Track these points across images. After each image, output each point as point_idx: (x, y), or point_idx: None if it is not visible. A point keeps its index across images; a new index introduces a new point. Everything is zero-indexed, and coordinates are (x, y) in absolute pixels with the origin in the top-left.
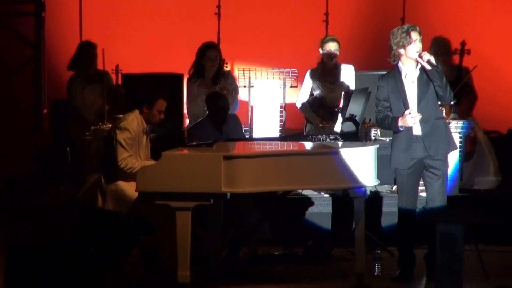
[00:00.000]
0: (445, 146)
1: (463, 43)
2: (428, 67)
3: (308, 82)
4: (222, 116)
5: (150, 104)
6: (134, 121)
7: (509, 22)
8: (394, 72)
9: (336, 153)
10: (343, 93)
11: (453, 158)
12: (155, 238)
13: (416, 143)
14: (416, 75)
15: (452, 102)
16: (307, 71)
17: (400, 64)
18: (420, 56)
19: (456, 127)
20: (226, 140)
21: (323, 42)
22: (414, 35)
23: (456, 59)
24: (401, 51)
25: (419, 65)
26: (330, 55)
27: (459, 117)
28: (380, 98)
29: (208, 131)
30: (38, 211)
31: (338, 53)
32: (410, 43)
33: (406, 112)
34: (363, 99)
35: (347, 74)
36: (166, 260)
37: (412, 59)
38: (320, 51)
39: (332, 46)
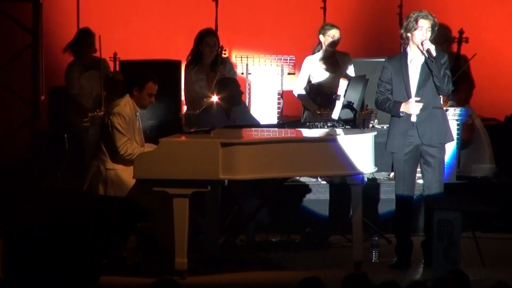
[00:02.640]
0: (440, 135)
1: (461, 31)
2: (426, 55)
3: (306, 69)
4: (238, 101)
5: (140, 87)
6: (126, 105)
7: (508, 10)
8: (401, 56)
9: (334, 140)
10: (340, 80)
11: (451, 145)
12: (153, 225)
13: (412, 129)
14: (421, 62)
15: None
16: (305, 58)
17: (408, 48)
18: (422, 44)
19: (453, 115)
20: (234, 126)
21: (325, 29)
22: (422, 22)
23: (454, 47)
24: (409, 35)
25: (434, 48)
26: (333, 42)
27: (457, 105)
28: (383, 79)
29: (218, 117)
30: (37, 198)
31: (339, 40)
32: (416, 29)
33: (411, 99)
34: (361, 86)
35: (345, 62)
36: (164, 246)
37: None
38: (321, 37)
39: (336, 33)
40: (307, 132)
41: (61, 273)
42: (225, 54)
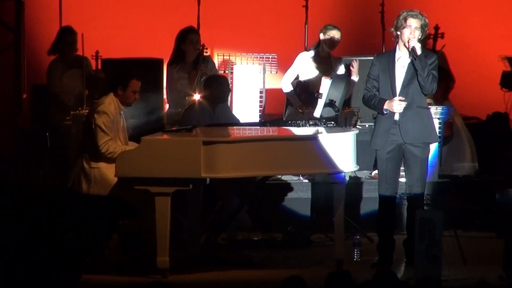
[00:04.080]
0: (424, 135)
1: (436, 27)
2: (410, 53)
3: (297, 65)
4: (225, 98)
5: (124, 86)
6: (111, 104)
7: (490, 8)
8: (390, 53)
9: (316, 138)
10: (323, 78)
11: (433, 143)
12: (135, 223)
13: (395, 127)
14: (408, 61)
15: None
16: (287, 56)
17: (397, 47)
18: (408, 41)
19: (435, 113)
20: (216, 124)
21: (326, 28)
22: (410, 22)
23: (430, 43)
24: (398, 33)
25: (419, 47)
26: (332, 42)
27: (435, 101)
28: (371, 76)
29: (205, 115)
30: (19, 195)
31: (339, 42)
32: (404, 27)
33: (395, 98)
34: (343, 84)
35: (338, 66)
36: (146, 245)
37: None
38: (321, 36)
39: (335, 34)
40: (289, 131)
41: (43, 272)
42: (206, 52)
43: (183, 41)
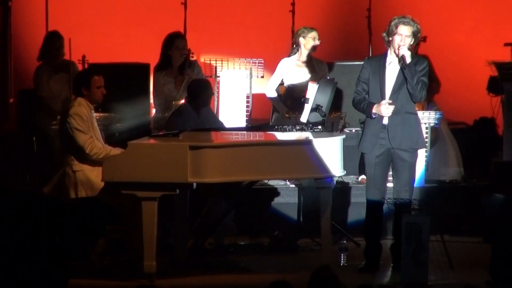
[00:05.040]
0: (411, 141)
1: None
2: (400, 61)
3: (280, 71)
4: (206, 102)
5: (86, 85)
6: (81, 105)
7: (475, 13)
8: (381, 57)
9: (303, 143)
10: (309, 83)
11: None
12: (121, 228)
13: (383, 132)
14: (399, 67)
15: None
16: (273, 61)
17: (388, 51)
18: (398, 48)
19: (421, 118)
20: (203, 129)
21: (304, 32)
22: (401, 29)
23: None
24: (390, 39)
25: (409, 55)
26: (315, 44)
27: (418, 105)
28: (361, 79)
29: (191, 118)
30: (6, 200)
31: (319, 42)
32: (395, 34)
33: (383, 101)
34: (330, 89)
35: (321, 68)
36: (132, 249)
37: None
38: (302, 40)
39: (316, 35)
40: (275, 135)
41: (29, 277)
42: (193, 57)
43: (170, 46)
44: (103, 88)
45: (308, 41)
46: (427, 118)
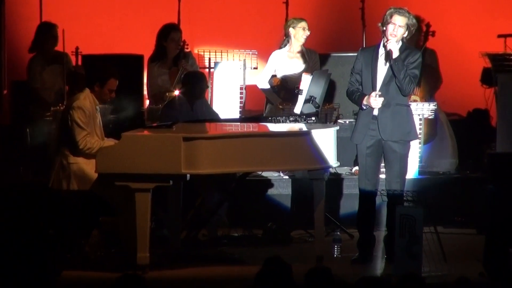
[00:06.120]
0: (402, 133)
1: (428, 25)
2: (387, 55)
3: (272, 63)
4: (200, 94)
5: (101, 83)
6: (86, 99)
7: (469, 5)
8: (374, 48)
9: (297, 134)
10: (303, 74)
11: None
12: (115, 220)
13: (374, 123)
14: (385, 61)
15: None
16: (267, 52)
17: (381, 42)
18: (387, 41)
19: (415, 109)
20: (196, 120)
21: (294, 22)
22: (395, 19)
23: (420, 40)
24: (384, 28)
25: (397, 49)
26: (305, 33)
27: (420, 99)
28: (354, 70)
29: (184, 110)
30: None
31: (309, 32)
32: (389, 23)
33: (373, 93)
34: (323, 81)
35: (312, 58)
36: (126, 241)
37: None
38: (291, 31)
39: (305, 25)
40: (269, 127)
41: (23, 268)
42: (187, 48)
43: (165, 38)
44: (114, 92)
45: (298, 31)
46: (420, 110)
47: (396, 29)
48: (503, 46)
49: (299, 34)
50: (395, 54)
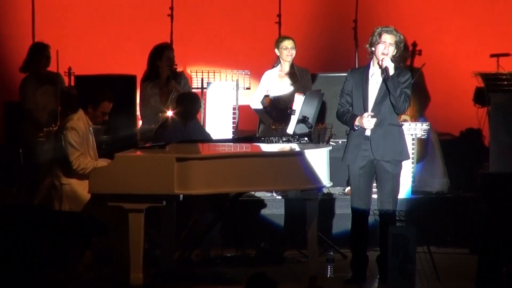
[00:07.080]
0: (395, 153)
1: (414, 44)
2: (383, 73)
3: (264, 83)
4: (192, 115)
5: (95, 105)
6: (80, 120)
7: (461, 25)
8: (364, 69)
9: (290, 155)
10: (296, 94)
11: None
12: (108, 240)
13: (366, 143)
14: (382, 78)
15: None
16: (260, 72)
17: (371, 62)
18: (382, 60)
19: (408, 129)
20: (189, 141)
21: (278, 42)
22: (385, 37)
23: (407, 60)
24: (373, 49)
25: (392, 67)
26: (287, 53)
27: (411, 118)
28: (344, 91)
29: (177, 131)
30: None
31: (294, 51)
32: (379, 43)
33: (365, 114)
34: (316, 101)
35: (304, 77)
36: (119, 261)
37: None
38: (276, 51)
39: (288, 44)
40: (262, 147)
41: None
42: (178, 68)
43: (159, 57)
44: (107, 115)
45: (282, 52)
46: (413, 130)
47: (387, 47)
48: (495, 65)
49: (283, 54)
50: (391, 71)
